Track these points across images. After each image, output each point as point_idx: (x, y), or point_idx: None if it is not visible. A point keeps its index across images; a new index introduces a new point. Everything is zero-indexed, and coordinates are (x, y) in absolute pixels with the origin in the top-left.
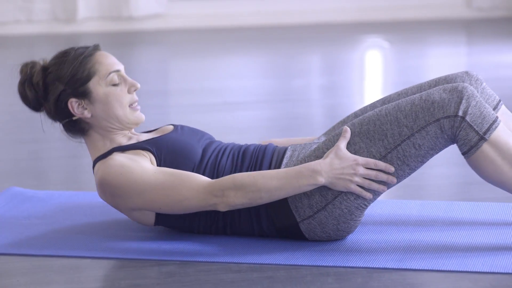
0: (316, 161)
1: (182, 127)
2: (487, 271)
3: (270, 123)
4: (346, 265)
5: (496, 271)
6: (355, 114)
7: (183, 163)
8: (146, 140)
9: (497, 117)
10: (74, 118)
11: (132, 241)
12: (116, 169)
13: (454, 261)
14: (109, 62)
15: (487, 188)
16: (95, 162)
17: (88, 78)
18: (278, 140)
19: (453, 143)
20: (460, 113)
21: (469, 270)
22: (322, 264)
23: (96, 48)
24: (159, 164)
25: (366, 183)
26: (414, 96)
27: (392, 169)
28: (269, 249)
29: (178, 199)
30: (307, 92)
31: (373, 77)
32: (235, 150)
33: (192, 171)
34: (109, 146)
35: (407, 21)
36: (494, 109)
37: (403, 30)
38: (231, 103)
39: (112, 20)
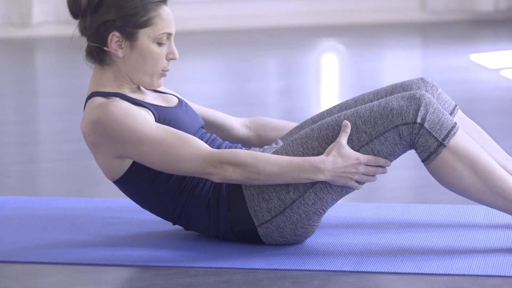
0: (320, 157)
1: (186, 105)
2: (442, 273)
3: None
4: (303, 268)
5: (451, 273)
6: (312, 120)
7: None
8: (153, 104)
9: (455, 123)
10: (104, 48)
11: (88, 247)
12: (120, 111)
13: (410, 263)
14: (169, 21)
15: (442, 191)
16: (92, 95)
17: (144, 25)
18: (269, 120)
19: (411, 149)
20: (419, 120)
21: (425, 272)
22: (279, 268)
23: (165, 1)
24: None
25: (364, 178)
26: (373, 103)
27: (389, 164)
28: (226, 253)
29: (175, 159)
30: (263, 96)
31: (329, 80)
32: (215, 145)
33: None
34: (115, 89)
35: (362, 25)
36: (450, 114)
37: (358, 34)
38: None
39: (68, 25)
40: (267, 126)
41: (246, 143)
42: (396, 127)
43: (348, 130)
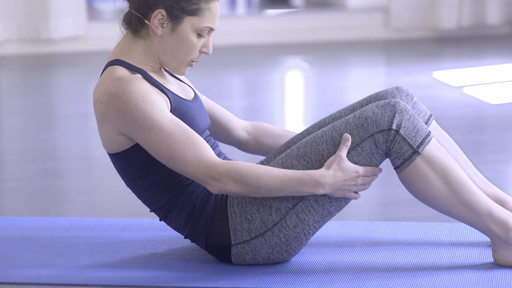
0: (320, 171)
1: (200, 101)
2: None
3: None
4: (267, 287)
5: None
6: (293, 141)
7: None
8: (172, 92)
9: (429, 131)
10: (145, 21)
11: (52, 267)
12: (139, 93)
13: (374, 281)
14: (215, 17)
15: (406, 208)
16: (116, 63)
17: (192, 13)
18: (268, 126)
19: (387, 157)
20: (394, 127)
21: None
22: (244, 286)
23: None
24: None
25: (361, 188)
26: (349, 116)
27: (381, 171)
28: (192, 270)
29: (178, 158)
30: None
31: (293, 98)
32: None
33: None
34: (139, 64)
35: (326, 42)
36: (425, 123)
37: (322, 51)
38: None
39: (32, 43)
40: (265, 132)
41: (242, 146)
42: (371, 135)
43: (349, 143)
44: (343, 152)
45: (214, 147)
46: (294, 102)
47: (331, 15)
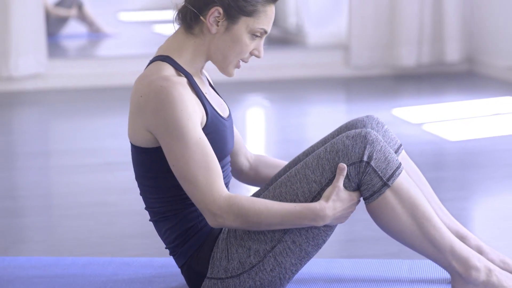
0: (320, 204)
1: (232, 121)
2: None
3: None
4: None
5: None
6: (275, 178)
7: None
8: (211, 106)
9: (400, 163)
10: (201, 17)
11: None
12: (181, 101)
13: None
14: (270, 20)
15: (366, 245)
16: (166, 59)
17: (249, 14)
18: (268, 158)
19: (358, 189)
20: (365, 158)
21: None
22: None
23: (275, 1)
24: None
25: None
26: (319, 149)
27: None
28: None
29: (189, 178)
30: None
31: (254, 135)
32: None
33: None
34: (188, 66)
35: (287, 80)
36: (395, 153)
37: (283, 89)
38: (112, 163)
39: None
40: (265, 164)
41: (241, 176)
42: None
43: (344, 172)
44: (340, 182)
45: (227, 177)
46: (255, 140)
47: (292, 53)
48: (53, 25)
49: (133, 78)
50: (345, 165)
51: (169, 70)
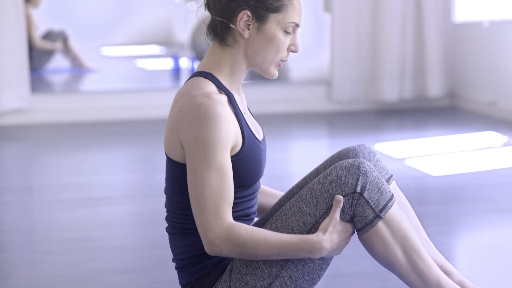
0: (318, 236)
1: (266, 146)
2: None
3: (135, 218)
4: None
5: None
6: (273, 209)
7: (240, 183)
8: (249, 127)
9: (392, 194)
10: (231, 25)
11: None
12: (219, 122)
13: None
14: (299, 12)
15: (350, 280)
16: (207, 76)
17: (276, 10)
18: (265, 188)
19: (352, 221)
20: (358, 190)
21: None
22: None
23: None
24: (235, 156)
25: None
26: (313, 181)
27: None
28: None
29: (200, 200)
30: None
31: None
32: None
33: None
34: (227, 81)
35: (270, 115)
36: None
37: (266, 124)
38: (95, 198)
39: None
40: (263, 193)
41: None
42: None
43: (341, 204)
44: (337, 214)
45: (255, 206)
46: None
47: (275, 88)
48: (38, 59)
49: (117, 113)
50: (341, 197)
51: (210, 86)
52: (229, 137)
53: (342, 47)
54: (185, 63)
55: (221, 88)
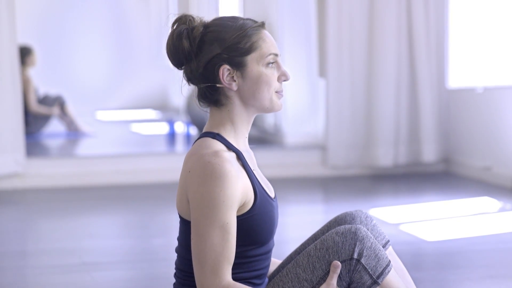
0: None
1: (277, 204)
2: None
3: (130, 284)
4: None
5: None
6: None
7: (253, 240)
8: (260, 184)
9: (389, 260)
10: (218, 85)
11: None
12: (225, 180)
13: None
14: (272, 43)
15: None
16: (214, 136)
17: (249, 51)
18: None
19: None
20: (356, 256)
21: None
22: None
23: (263, 25)
24: (248, 213)
25: None
26: (310, 247)
27: None
28: None
29: (200, 256)
30: (166, 251)
31: None
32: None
33: (243, 250)
34: (233, 138)
35: None
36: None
37: None
38: (89, 263)
39: None
40: None
41: None
42: None
43: (338, 270)
44: (334, 280)
45: (268, 266)
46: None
47: (270, 153)
48: (34, 123)
49: (112, 178)
50: (339, 263)
51: (219, 145)
52: (235, 195)
53: (337, 112)
54: (181, 127)
55: (229, 146)
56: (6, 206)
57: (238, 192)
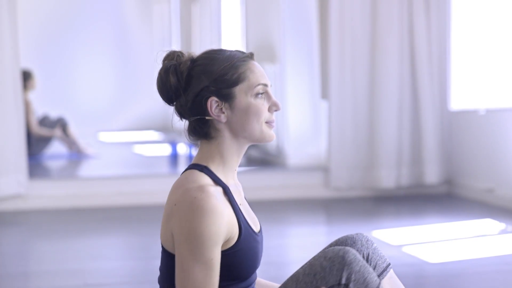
0: None
1: (262, 238)
2: None
3: None
4: None
5: None
6: None
7: (235, 275)
8: (246, 220)
9: (379, 283)
10: (207, 117)
11: None
12: (210, 215)
13: None
14: (261, 73)
15: None
16: (201, 168)
17: (236, 82)
18: (265, 282)
19: None
20: (344, 281)
21: None
22: None
23: (251, 56)
24: (231, 249)
25: None
26: (299, 270)
27: None
28: None
29: (182, 287)
30: None
31: None
32: None
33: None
34: (221, 172)
35: (267, 201)
36: (383, 272)
37: (264, 210)
38: (92, 285)
39: None
40: (259, 285)
41: None
42: None
43: None
44: None
45: None
46: None
47: (272, 174)
48: (36, 144)
49: (114, 199)
50: None
51: (205, 179)
52: (220, 231)
53: (339, 134)
54: (183, 149)
55: (216, 180)
56: (8, 227)
57: (223, 228)
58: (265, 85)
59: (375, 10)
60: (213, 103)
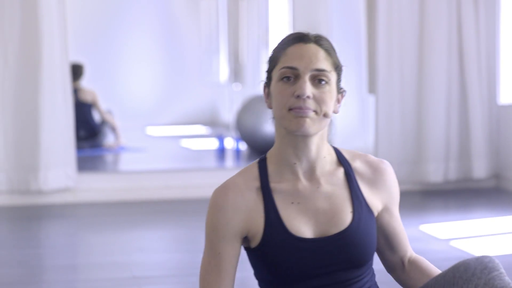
0: None
1: (347, 238)
2: None
3: None
4: None
5: None
6: None
7: (274, 273)
8: (281, 220)
9: None
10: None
11: None
12: (220, 209)
13: None
14: (293, 56)
15: None
16: (262, 159)
17: (273, 66)
18: (426, 266)
19: None
20: None
21: None
22: None
23: (302, 38)
24: (257, 249)
25: None
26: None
27: None
28: None
29: (200, 279)
30: None
31: None
32: None
33: None
34: (271, 159)
35: None
36: None
37: None
38: (140, 277)
39: (21, 194)
40: (419, 270)
41: (392, 272)
42: None
43: None
44: None
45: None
46: None
47: None
48: (99, 136)
49: (162, 193)
50: None
51: (247, 174)
52: (230, 227)
53: (387, 128)
54: (230, 143)
55: (261, 175)
56: (57, 220)
57: (233, 224)
58: (293, 68)
59: (423, 5)
60: (264, 89)
